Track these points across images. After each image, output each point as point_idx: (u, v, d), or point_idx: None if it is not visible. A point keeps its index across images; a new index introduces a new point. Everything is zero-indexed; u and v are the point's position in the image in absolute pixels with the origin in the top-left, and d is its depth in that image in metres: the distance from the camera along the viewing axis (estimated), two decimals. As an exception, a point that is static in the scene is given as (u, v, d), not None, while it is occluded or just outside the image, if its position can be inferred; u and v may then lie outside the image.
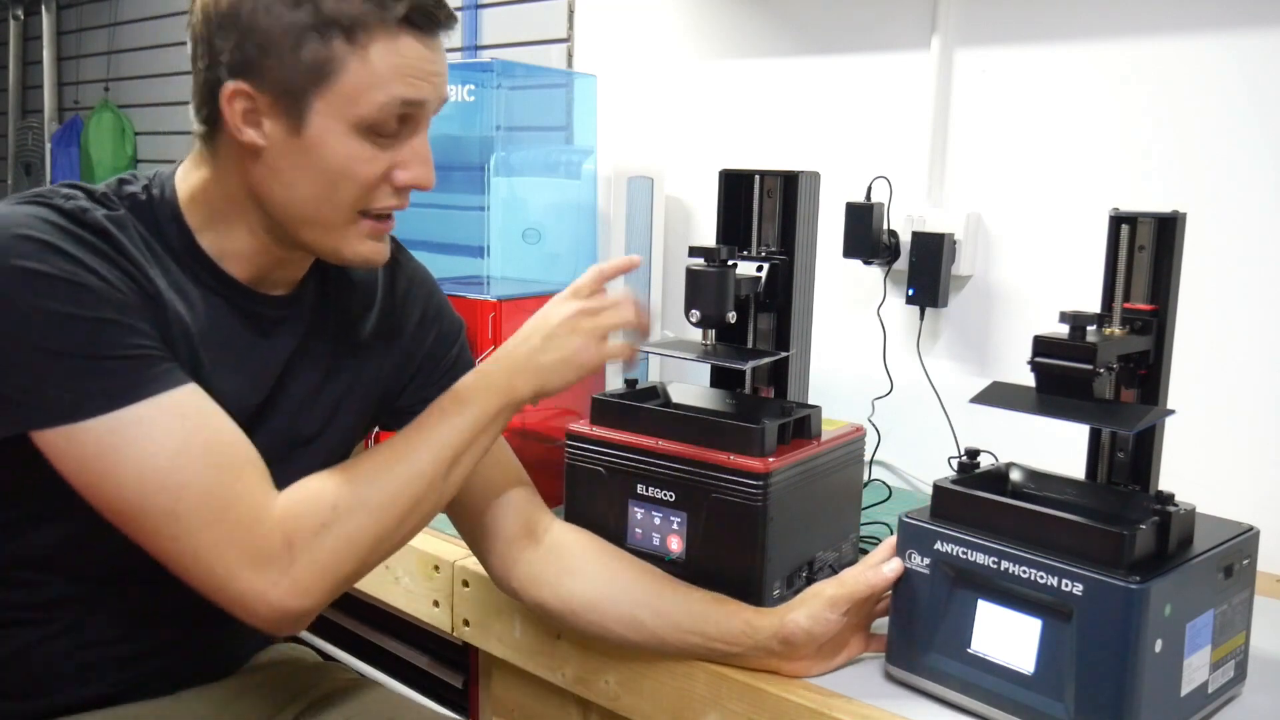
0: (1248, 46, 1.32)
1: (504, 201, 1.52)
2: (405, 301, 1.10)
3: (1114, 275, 1.01)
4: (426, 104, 0.91)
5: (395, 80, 0.88)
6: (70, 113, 3.57)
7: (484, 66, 1.56)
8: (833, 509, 1.19)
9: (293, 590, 0.87)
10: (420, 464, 0.95)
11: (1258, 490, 1.33)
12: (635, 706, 1.09)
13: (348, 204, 0.92)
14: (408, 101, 0.89)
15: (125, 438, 0.83)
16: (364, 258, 0.95)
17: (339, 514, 0.89)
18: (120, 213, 0.92)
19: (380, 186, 0.92)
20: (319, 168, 0.90)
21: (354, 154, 0.90)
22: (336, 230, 0.93)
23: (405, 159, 0.92)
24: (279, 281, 1.00)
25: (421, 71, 0.90)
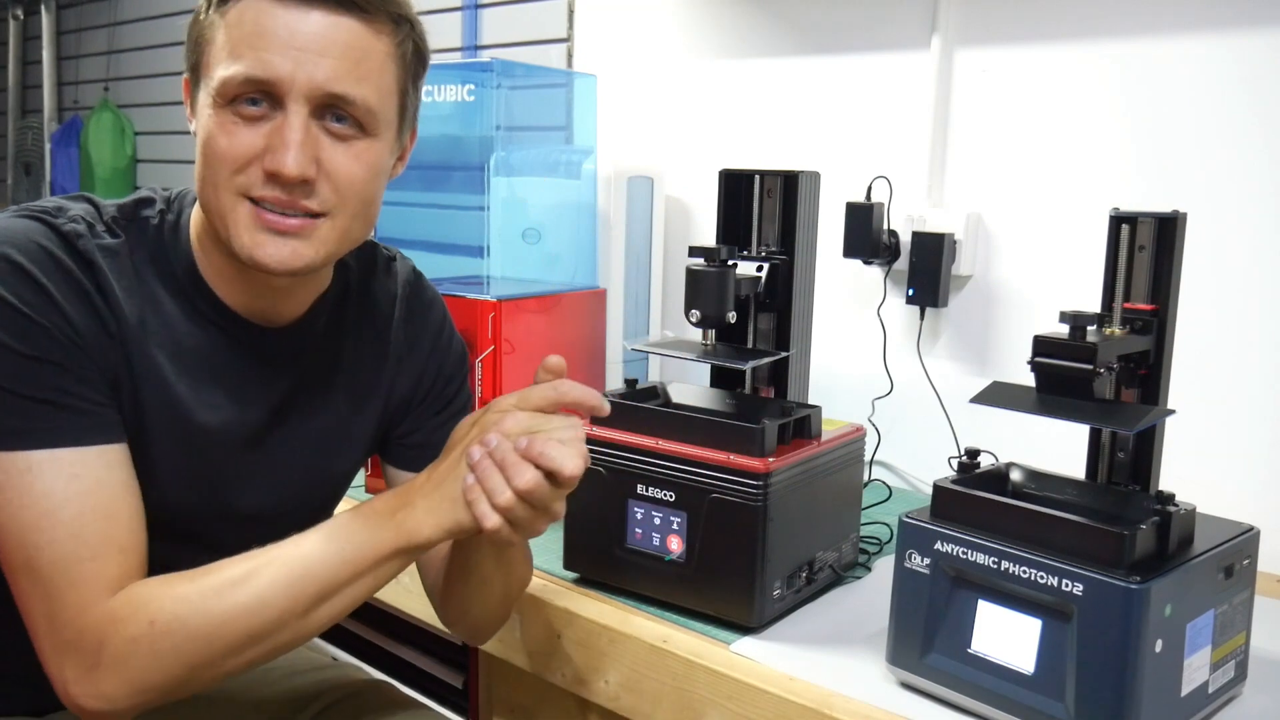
0: (1247, 46, 1.32)
1: (504, 201, 1.52)
2: (420, 328, 1.09)
3: (1114, 275, 1.01)
4: (281, 82, 0.84)
5: (245, 51, 0.83)
6: (70, 113, 3.57)
7: (484, 66, 1.56)
8: (833, 509, 1.19)
9: (92, 692, 0.83)
10: (272, 595, 0.85)
11: (1258, 490, 1.33)
12: (635, 706, 1.09)
13: (223, 182, 0.86)
14: (250, 79, 0.84)
15: (8, 479, 0.82)
16: (251, 254, 0.87)
17: (154, 631, 0.83)
18: (117, 241, 0.91)
19: (251, 169, 0.86)
20: (200, 146, 0.87)
21: (217, 126, 0.85)
22: (225, 216, 0.87)
23: (270, 143, 0.85)
24: (277, 313, 0.98)
25: (276, 44, 0.83)
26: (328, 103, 0.86)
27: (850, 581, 1.23)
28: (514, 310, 1.40)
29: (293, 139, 0.84)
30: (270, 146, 0.85)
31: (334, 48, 0.85)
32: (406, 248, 1.18)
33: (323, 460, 1.04)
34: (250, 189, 0.86)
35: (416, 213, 1.61)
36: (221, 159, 0.86)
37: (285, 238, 0.88)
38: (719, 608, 1.10)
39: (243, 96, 0.84)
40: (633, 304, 1.69)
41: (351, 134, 0.88)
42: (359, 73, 0.86)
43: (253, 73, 0.83)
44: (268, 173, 0.85)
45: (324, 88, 0.85)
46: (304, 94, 0.85)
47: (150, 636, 0.83)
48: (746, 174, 1.26)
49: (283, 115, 0.85)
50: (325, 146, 0.87)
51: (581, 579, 1.21)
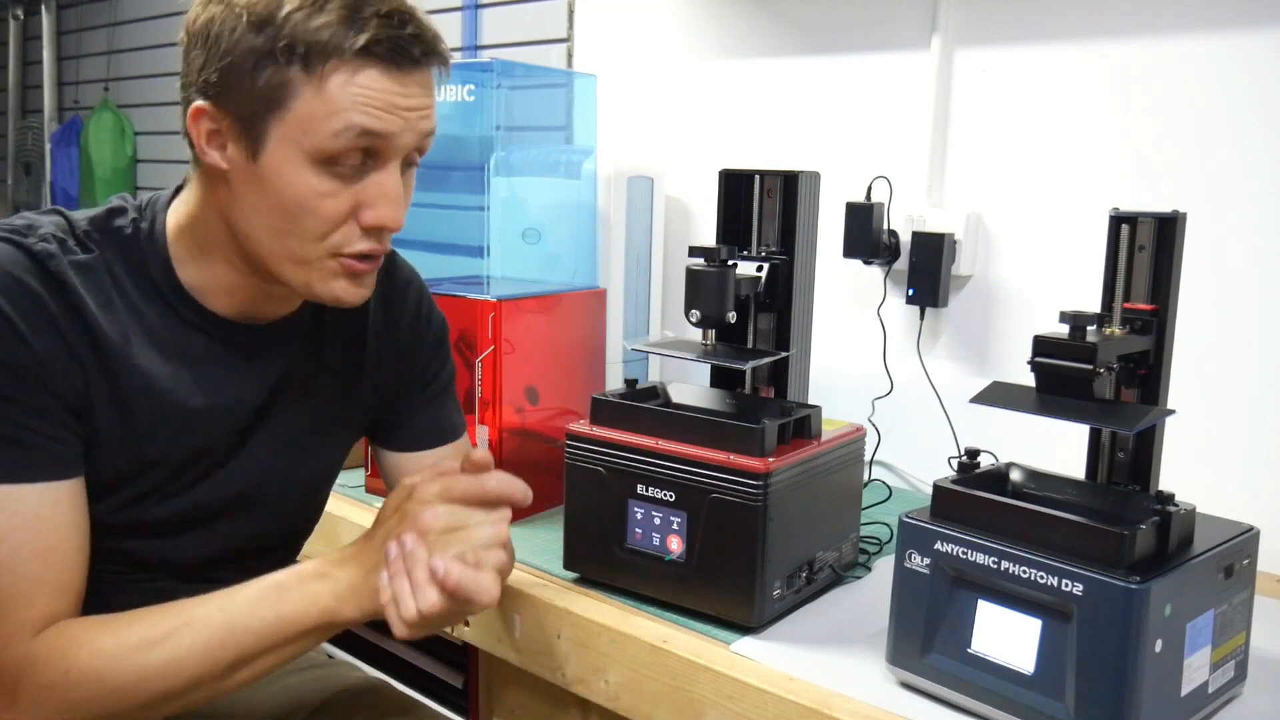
0: (1248, 46, 1.32)
1: (504, 201, 1.52)
2: (399, 310, 1.10)
3: (1114, 275, 1.01)
4: (391, 138, 0.87)
5: (352, 109, 0.84)
6: (70, 113, 3.57)
7: (484, 66, 1.56)
8: (833, 509, 1.19)
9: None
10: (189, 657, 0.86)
11: (1258, 490, 1.33)
12: (635, 707, 1.09)
13: (311, 239, 0.88)
14: (366, 131, 0.85)
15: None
16: (336, 297, 0.91)
17: (69, 681, 0.84)
18: (92, 255, 0.91)
19: (346, 225, 0.88)
20: (276, 199, 0.87)
21: (310, 186, 0.86)
22: (306, 266, 0.89)
23: (371, 197, 0.88)
24: (271, 314, 0.99)
25: (384, 103, 0.85)
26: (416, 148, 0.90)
27: (850, 581, 1.23)
28: (514, 310, 1.40)
29: (397, 194, 0.89)
30: (367, 202, 0.88)
31: (426, 101, 0.89)
32: (406, 248, 1.18)
33: (312, 446, 1.05)
34: (344, 246, 0.89)
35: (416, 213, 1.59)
36: (319, 219, 0.87)
37: (365, 279, 0.92)
38: (719, 608, 1.10)
39: (345, 155, 0.86)
40: (633, 304, 1.69)
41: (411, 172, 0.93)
42: (434, 112, 0.91)
43: (371, 128, 0.85)
44: (369, 227, 0.88)
45: (420, 134, 0.89)
46: (405, 148, 0.88)
47: (64, 686, 0.84)
48: (746, 174, 1.26)
49: (380, 171, 0.88)
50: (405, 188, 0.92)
51: (581, 579, 1.21)
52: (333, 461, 1.11)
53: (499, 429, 1.40)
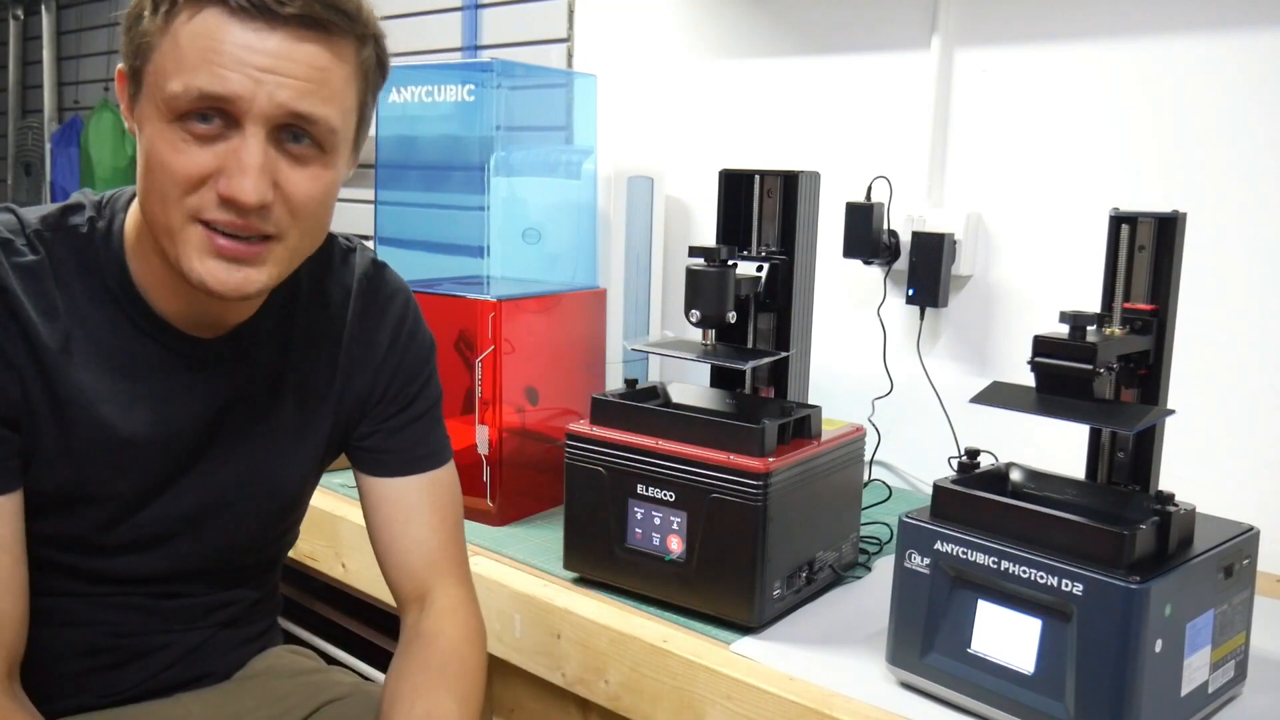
0: (1248, 46, 1.32)
1: (504, 201, 1.52)
2: (375, 322, 1.03)
3: (1114, 275, 1.01)
4: (238, 101, 0.78)
5: (200, 66, 0.78)
6: (70, 113, 3.57)
7: (484, 66, 1.56)
8: (833, 509, 1.19)
9: None
10: None
11: (1258, 490, 1.33)
12: (635, 706, 1.09)
13: (172, 201, 0.81)
14: (206, 94, 0.78)
15: None
16: (202, 279, 0.83)
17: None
18: (37, 259, 0.87)
19: (203, 190, 0.81)
20: (144, 158, 0.82)
21: (167, 142, 0.80)
22: (174, 236, 0.82)
23: (225, 165, 0.80)
24: (216, 321, 0.94)
25: (230, 59, 0.77)
26: (288, 122, 0.81)
27: (850, 581, 1.23)
28: (514, 310, 1.40)
29: (251, 164, 0.80)
30: (225, 169, 0.80)
31: (297, 68, 0.80)
32: (406, 248, 1.17)
33: (270, 466, 1.00)
34: (202, 211, 0.81)
35: (416, 213, 1.61)
36: (171, 177, 0.80)
37: (238, 264, 0.83)
38: (719, 608, 1.10)
39: (194, 113, 0.79)
40: (633, 304, 1.69)
41: (310, 154, 0.83)
42: (322, 94, 0.81)
43: (209, 88, 0.78)
44: (223, 197, 0.80)
45: (286, 106, 0.80)
46: (264, 114, 0.79)
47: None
48: (746, 174, 1.26)
49: (239, 136, 0.80)
50: (282, 169, 0.82)
51: (581, 579, 1.21)
52: (300, 477, 1.03)
53: (499, 429, 1.40)
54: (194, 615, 1.01)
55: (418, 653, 0.98)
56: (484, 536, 1.36)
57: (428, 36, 2.26)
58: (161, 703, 1.00)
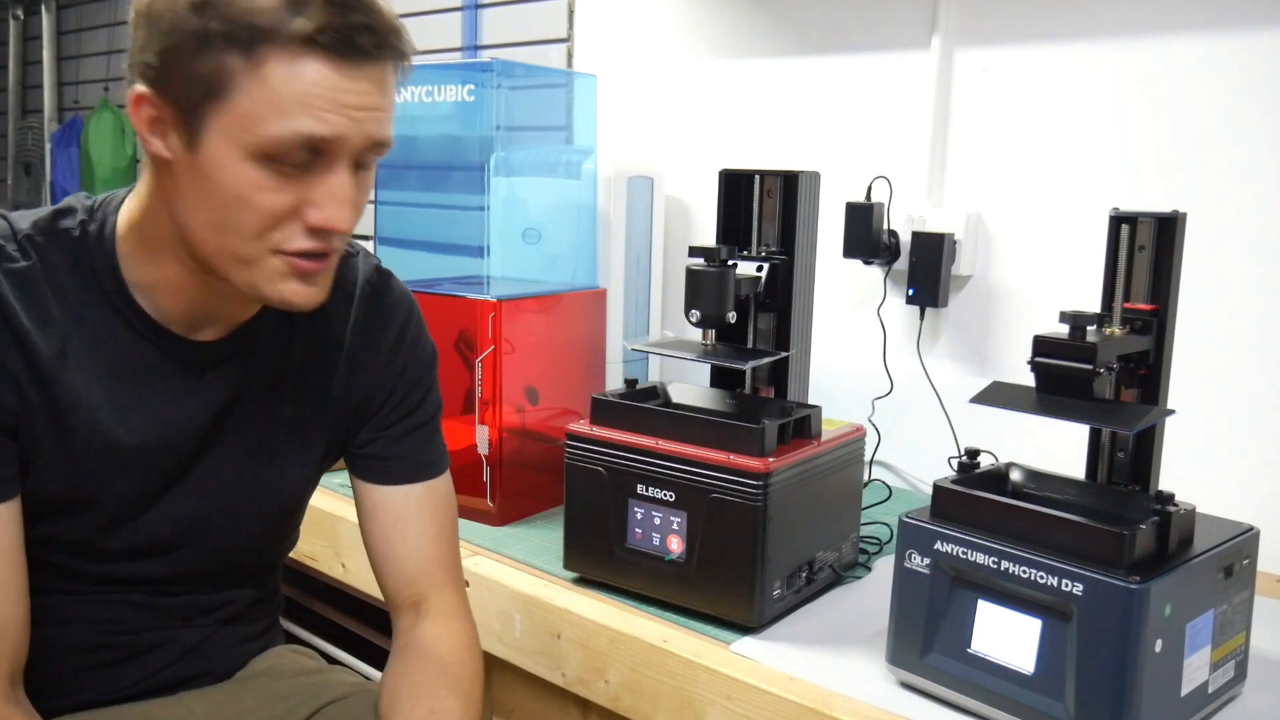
0: (1248, 46, 1.32)
1: (504, 201, 1.52)
2: (379, 329, 1.03)
3: (1114, 275, 1.01)
4: (341, 140, 0.80)
5: (298, 110, 0.78)
6: (70, 113, 3.57)
7: (484, 66, 1.56)
8: (833, 509, 1.19)
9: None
10: None
11: (1258, 490, 1.33)
12: (635, 707, 1.09)
13: (250, 235, 0.81)
14: (311, 138, 0.78)
15: None
16: (284, 298, 0.84)
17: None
18: (29, 264, 0.86)
19: (288, 223, 0.82)
20: (214, 192, 0.81)
21: (250, 181, 0.80)
22: (249, 265, 0.83)
23: (318, 198, 0.81)
24: (218, 321, 0.93)
25: (329, 102, 0.78)
26: (368, 149, 0.83)
27: (850, 581, 1.23)
28: (514, 310, 1.40)
29: (347, 196, 0.82)
30: (315, 201, 0.81)
31: (381, 101, 0.82)
32: (406, 248, 1.17)
33: (268, 468, 0.99)
34: (286, 244, 0.82)
35: (416, 213, 1.61)
36: (256, 215, 0.81)
37: (314, 279, 0.85)
38: (719, 608, 1.10)
39: (289, 155, 0.79)
40: (633, 304, 1.69)
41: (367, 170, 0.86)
42: (389, 116, 0.84)
43: (314, 132, 0.78)
44: (316, 227, 0.82)
45: (374, 138, 0.82)
46: (355, 149, 0.81)
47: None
48: (746, 174, 1.26)
49: (326, 169, 0.81)
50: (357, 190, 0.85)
51: (581, 579, 1.21)
52: (301, 480, 1.03)
53: (499, 429, 1.40)
54: (194, 613, 1.01)
55: (416, 657, 0.98)
56: (484, 536, 1.36)
57: (428, 36, 2.26)
58: (163, 701, 1.00)
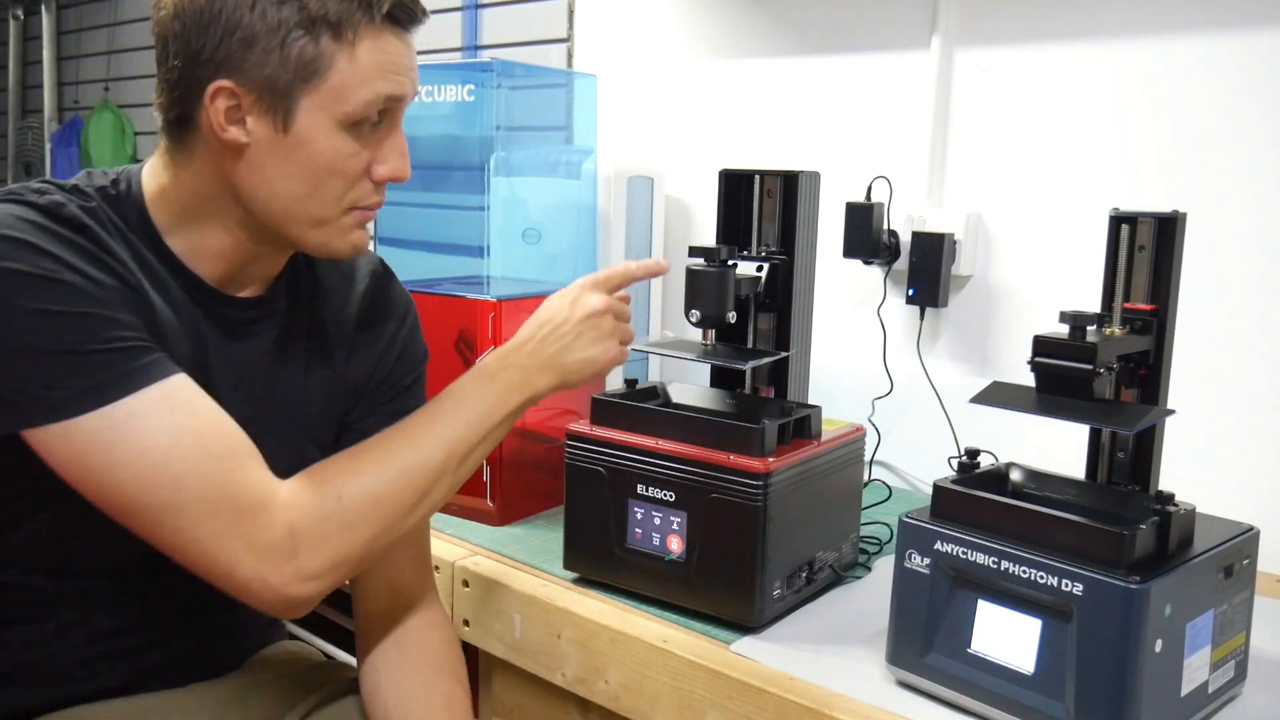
0: (1248, 46, 1.32)
1: (504, 201, 1.52)
2: (382, 317, 1.10)
3: (1114, 275, 1.01)
4: (405, 98, 0.93)
5: (380, 77, 0.89)
6: (70, 113, 3.57)
7: (484, 66, 1.56)
8: (833, 509, 1.19)
9: (296, 577, 0.87)
10: (430, 454, 0.94)
11: (1258, 490, 1.33)
12: (635, 707, 1.09)
13: (334, 199, 0.92)
14: (391, 97, 0.91)
15: (118, 434, 0.83)
16: (353, 246, 0.96)
17: (343, 504, 0.89)
18: (94, 204, 0.91)
19: (361, 182, 0.93)
20: (306, 165, 0.90)
21: (340, 150, 0.90)
22: (326, 225, 0.93)
23: (384, 153, 0.93)
24: (251, 280, 0.99)
25: (401, 67, 0.91)
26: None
27: (850, 581, 1.23)
28: (514, 310, 1.40)
29: (405, 148, 0.95)
30: (381, 157, 0.93)
31: (415, 60, 0.94)
32: (406, 248, 1.18)
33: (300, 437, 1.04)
34: (360, 200, 0.94)
35: (416, 213, 1.61)
36: (344, 178, 0.92)
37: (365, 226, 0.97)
38: (719, 608, 1.10)
39: (369, 118, 0.91)
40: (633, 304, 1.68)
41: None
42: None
43: (394, 92, 0.91)
44: (385, 179, 0.94)
45: (415, 93, 0.94)
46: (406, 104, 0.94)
47: (341, 511, 0.89)
48: (746, 174, 1.26)
49: (390, 128, 0.93)
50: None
51: (581, 579, 1.21)
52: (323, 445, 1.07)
53: (499, 429, 1.40)
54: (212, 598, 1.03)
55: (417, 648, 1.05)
56: (484, 536, 1.36)
57: (428, 36, 2.25)
58: (178, 692, 1.02)
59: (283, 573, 0.86)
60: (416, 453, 0.94)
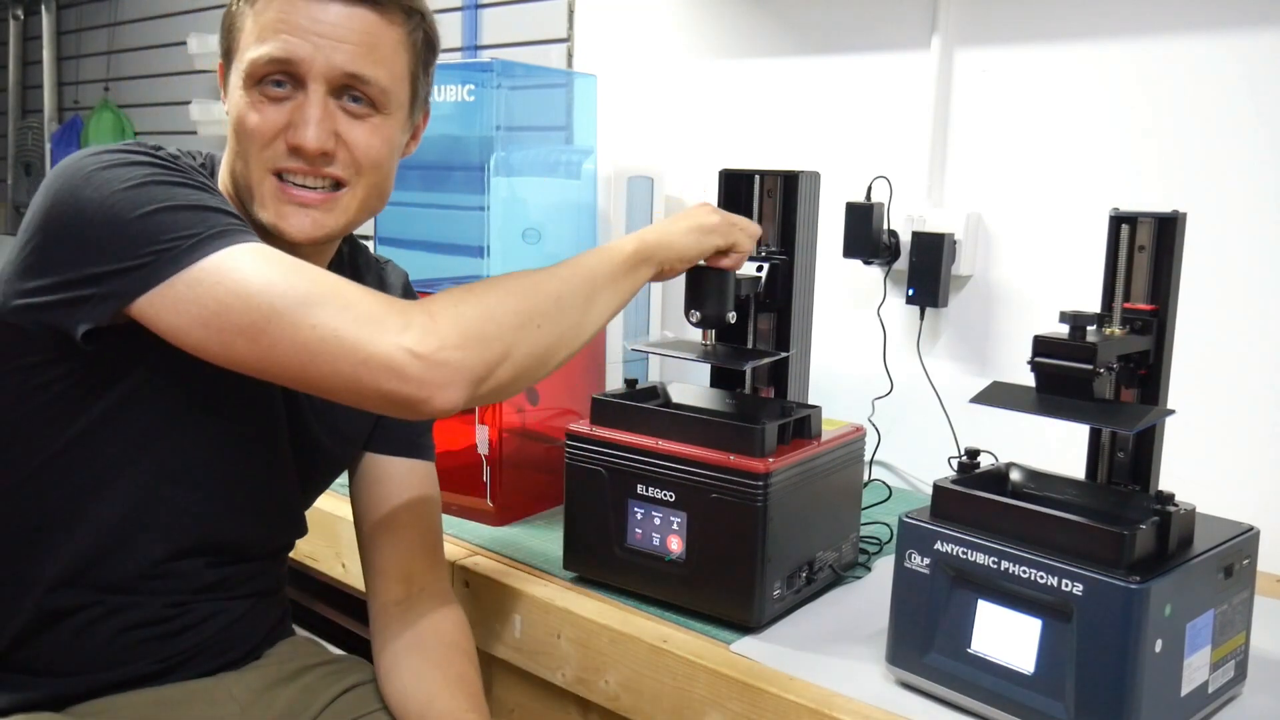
0: (1248, 46, 1.32)
1: (504, 201, 1.52)
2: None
3: (1114, 275, 1.01)
4: (301, 63, 0.93)
5: (271, 36, 0.92)
6: (70, 113, 3.57)
7: (484, 66, 1.56)
8: (833, 509, 1.19)
9: (444, 345, 0.85)
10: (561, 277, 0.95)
11: (1258, 490, 1.33)
12: (635, 706, 1.09)
13: (252, 156, 0.95)
14: (274, 59, 0.92)
15: (244, 262, 0.86)
16: (273, 221, 0.96)
17: (477, 293, 0.90)
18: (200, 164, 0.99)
19: (276, 143, 0.94)
20: (232, 123, 0.96)
21: (245, 103, 0.94)
22: (255, 189, 0.96)
23: (293, 120, 0.94)
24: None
25: (294, 27, 0.92)
26: (345, 83, 0.94)
27: (850, 581, 1.23)
28: (514, 310, 1.39)
29: (312, 115, 0.93)
30: (293, 122, 0.94)
31: (351, 35, 0.94)
32: (406, 248, 1.18)
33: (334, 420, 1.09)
34: (275, 162, 0.95)
35: (416, 213, 1.61)
36: (250, 135, 0.94)
37: (307, 209, 0.96)
38: (719, 608, 1.10)
39: (269, 78, 0.93)
40: (633, 304, 1.68)
41: (367, 112, 0.96)
42: (373, 57, 0.95)
43: (276, 54, 0.92)
44: (290, 146, 0.94)
45: (341, 69, 0.93)
46: (323, 75, 0.93)
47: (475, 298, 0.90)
48: (746, 174, 1.26)
49: (304, 95, 0.94)
50: (343, 122, 0.95)
51: (581, 579, 1.21)
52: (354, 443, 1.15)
53: (499, 429, 1.40)
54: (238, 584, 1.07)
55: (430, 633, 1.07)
56: (484, 536, 1.37)
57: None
58: (204, 682, 1.04)
59: (428, 342, 0.84)
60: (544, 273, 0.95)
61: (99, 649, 0.98)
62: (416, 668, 1.04)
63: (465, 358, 0.86)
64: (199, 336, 0.86)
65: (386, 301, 0.87)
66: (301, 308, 0.84)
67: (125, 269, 0.85)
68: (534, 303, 0.92)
